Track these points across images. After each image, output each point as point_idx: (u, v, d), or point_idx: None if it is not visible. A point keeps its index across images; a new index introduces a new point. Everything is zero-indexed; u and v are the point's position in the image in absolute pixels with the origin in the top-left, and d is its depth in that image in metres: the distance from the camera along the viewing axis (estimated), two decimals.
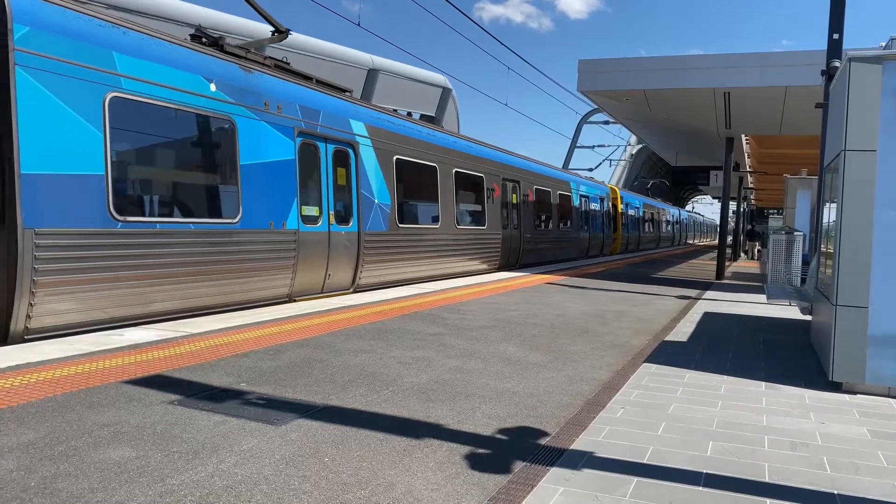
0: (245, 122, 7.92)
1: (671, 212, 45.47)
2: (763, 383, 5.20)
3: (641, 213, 33.62)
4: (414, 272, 11.88)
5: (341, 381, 4.68)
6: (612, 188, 28.46)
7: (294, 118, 8.74)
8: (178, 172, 7.27)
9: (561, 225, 20.58)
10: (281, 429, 3.60)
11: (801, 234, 12.76)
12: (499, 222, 15.66)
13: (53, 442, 3.25)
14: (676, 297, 11.40)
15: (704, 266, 21.55)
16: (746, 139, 20.18)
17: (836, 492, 3.09)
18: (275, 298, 8.49)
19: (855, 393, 5.00)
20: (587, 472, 3.20)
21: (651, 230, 36.67)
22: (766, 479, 3.20)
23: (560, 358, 5.83)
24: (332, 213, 9.41)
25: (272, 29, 9.53)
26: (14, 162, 5.53)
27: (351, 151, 9.92)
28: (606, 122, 44.29)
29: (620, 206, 28.69)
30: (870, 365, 4.94)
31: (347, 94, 10.72)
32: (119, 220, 6.37)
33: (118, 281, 6.39)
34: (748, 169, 25.49)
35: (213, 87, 7.52)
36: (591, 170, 48.66)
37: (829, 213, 6.13)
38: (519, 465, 3.24)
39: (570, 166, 46.37)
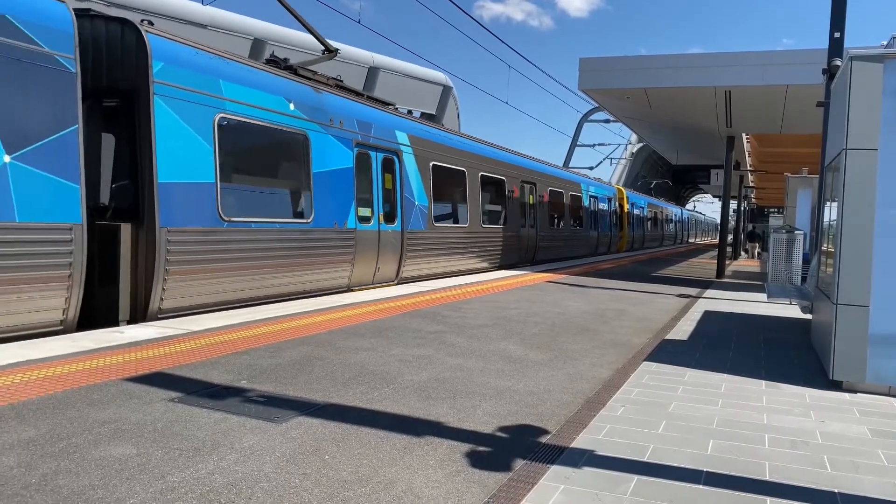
0: (316, 135, 9.21)
1: (673, 211, 46.64)
2: (763, 382, 5.20)
3: (646, 213, 34.56)
4: (446, 267, 13.17)
5: (342, 378, 4.68)
6: (618, 189, 29.20)
7: (352, 131, 10.08)
8: (267, 180, 8.53)
9: (572, 224, 21.65)
10: (281, 426, 3.60)
11: (802, 232, 12.76)
12: (518, 221, 16.80)
13: (54, 439, 3.25)
14: (677, 295, 11.40)
15: (705, 265, 21.55)
16: (747, 138, 20.15)
17: (836, 490, 3.09)
18: (337, 288, 9.77)
19: (855, 392, 5.00)
20: (588, 470, 3.20)
21: (655, 229, 37.66)
22: (767, 478, 3.20)
23: (560, 356, 5.83)
24: (381, 213, 10.73)
25: (322, 48, 11.15)
26: (153, 173, 6.76)
27: (396, 159, 11.23)
28: (607, 121, 44.26)
29: (626, 206, 29.56)
30: (870, 364, 4.94)
31: (391, 107, 12.05)
32: (225, 221, 7.56)
33: (224, 271, 7.61)
34: (749, 168, 25.47)
35: (291, 106, 8.77)
36: (591, 168, 48.67)
37: (830, 212, 6.13)
38: (519, 463, 3.24)
39: (570, 165, 46.34)
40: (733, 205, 26.88)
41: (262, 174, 8.45)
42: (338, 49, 11.23)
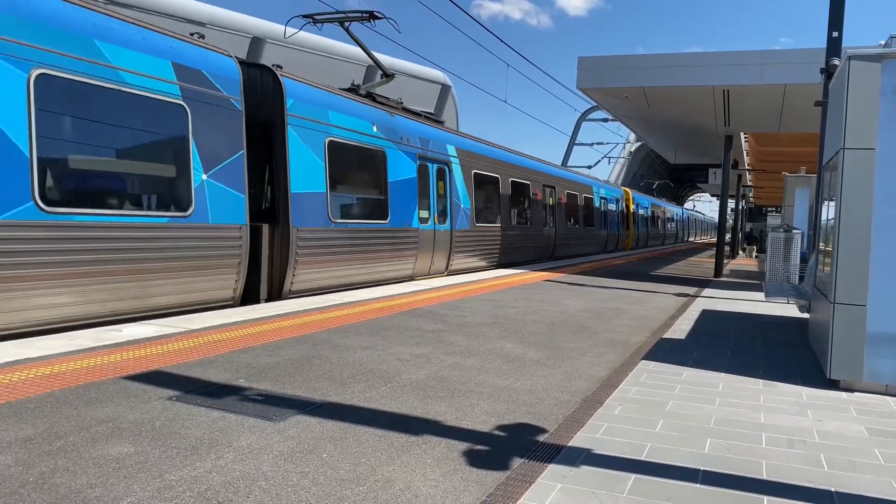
0: (391, 151, 11.20)
1: (674, 211, 48.74)
2: (761, 381, 5.21)
3: (649, 213, 36.52)
4: (485, 262, 15.29)
5: (340, 377, 4.69)
6: (625, 190, 30.85)
7: (415, 147, 12.06)
8: (359, 189, 10.61)
9: (585, 223, 23.71)
10: (279, 425, 3.60)
11: (800, 231, 12.77)
12: (540, 221, 18.93)
13: (52, 437, 3.25)
14: (675, 294, 11.41)
15: (703, 263, 21.57)
16: (745, 137, 20.17)
17: (833, 489, 3.10)
18: (402, 278, 11.68)
19: (852, 391, 5.01)
20: (585, 468, 3.20)
21: (657, 228, 39.64)
22: (764, 477, 3.20)
23: (558, 355, 5.84)
24: (436, 215, 12.66)
25: (381, 73, 12.65)
26: (287, 185, 8.71)
27: (447, 168, 13.20)
28: (605, 120, 44.26)
29: (632, 207, 31.26)
30: (867, 363, 4.95)
31: (441, 123, 14.18)
32: (332, 222, 9.58)
33: (331, 262, 9.61)
34: (747, 167, 25.49)
35: (374, 128, 10.81)
36: (590, 167, 48.65)
37: (828, 211, 6.13)
38: (517, 462, 3.24)
39: (568, 163, 46.34)
40: (731, 204, 26.91)
41: (355, 184, 10.51)
42: (394, 74, 12.87)
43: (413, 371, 4.98)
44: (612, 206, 27.51)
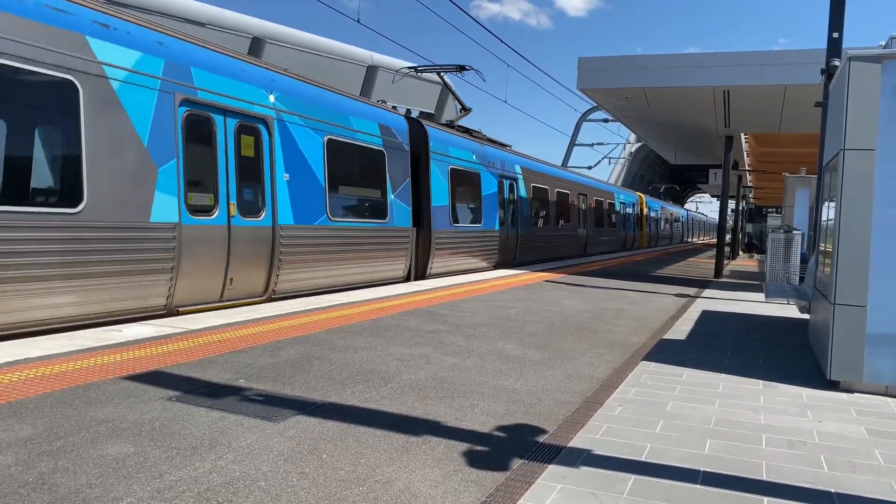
0: (483, 173, 15.03)
1: (681, 213, 53.71)
2: (761, 381, 5.21)
3: (659, 215, 40.59)
4: (537, 256, 18.83)
5: (340, 377, 4.69)
6: (640, 196, 34.91)
7: (497, 168, 15.88)
8: (465, 201, 14.08)
9: (609, 225, 27.66)
10: (279, 425, 3.60)
11: (800, 232, 12.77)
12: (576, 224, 22.77)
13: (52, 437, 3.25)
14: (675, 295, 11.41)
15: (703, 264, 21.57)
16: (746, 137, 20.16)
17: (833, 490, 3.10)
18: (487, 268, 15.35)
19: (852, 392, 5.01)
20: (585, 469, 3.20)
21: (667, 229, 44.13)
22: (764, 478, 3.20)
23: (558, 356, 5.84)
24: (508, 220, 16.51)
25: (460, 107, 16.39)
26: (429, 200, 12.44)
27: (514, 183, 16.93)
28: (606, 120, 44.25)
29: (645, 210, 35.33)
30: (868, 364, 4.95)
31: (509, 147, 17.66)
32: (453, 226, 13.29)
33: (454, 254, 13.48)
34: (747, 167, 25.48)
35: (473, 156, 14.63)
36: (590, 167, 48.64)
37: (828, 212, 6.13)
38: (517, 463, 3.24)
39: (568, 164, 46.34)
40: (732, 204, 26.92)
41: (464, 199, 14.07)
42: (471, 108, 16.34)
43: (413, 371, 4.98)
44: (629, 210, 31.49)
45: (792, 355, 6.36)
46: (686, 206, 77.10)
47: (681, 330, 7.60)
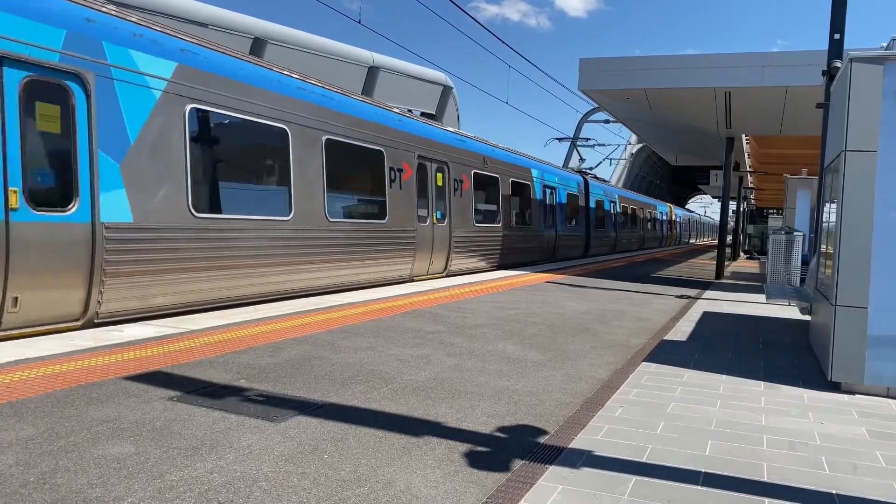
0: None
1: (695, 217, 66.34)
2: (762, 383, 5.21)
3: (681, 220, 52.43)
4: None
5: (340, 378, 4.68)
6: (670, 206, 45.90)
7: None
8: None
9: (652, 228, 37.87)
10: (280, 426, 3.60)
11: (801, 234, 12.76)
12: (637, 228, 32.58)
13: (52, 437, 3.25)
14: (676, 296, 11.41)
15: (704, 265, 21.56)
16: (747, 139, 20.15)
17: (834, 492, 3.09)
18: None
19: (854, 393, 5.01)
20: (586, 470, 3.20)
21: (686, 230, 56.05)
22: (765, 479, 3.20)
23: (559, 357, 5.83)
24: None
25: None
26: (588, 221, 23.13)
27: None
28: (607, 121, 44.18)
29: (674, 217, 47.27)
30: (869, 365, 4.94)
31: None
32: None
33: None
34: (748, 169, 25.46)
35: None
36: (591, 168, 48.60)
37: (829, 214, 6.13)
38: (518, 464, 3.24)
39: (569, 165, 46.35)
40: (733, 206, 26.91)
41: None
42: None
43: (414, 372, 4.97)
44: (664, 217, 42.35)
45: (793, 357, 6.35)
46: (693, 208, 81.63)
47: (682, 331, 7.59)
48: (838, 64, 8.29)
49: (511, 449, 3.45)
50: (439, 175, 12.81)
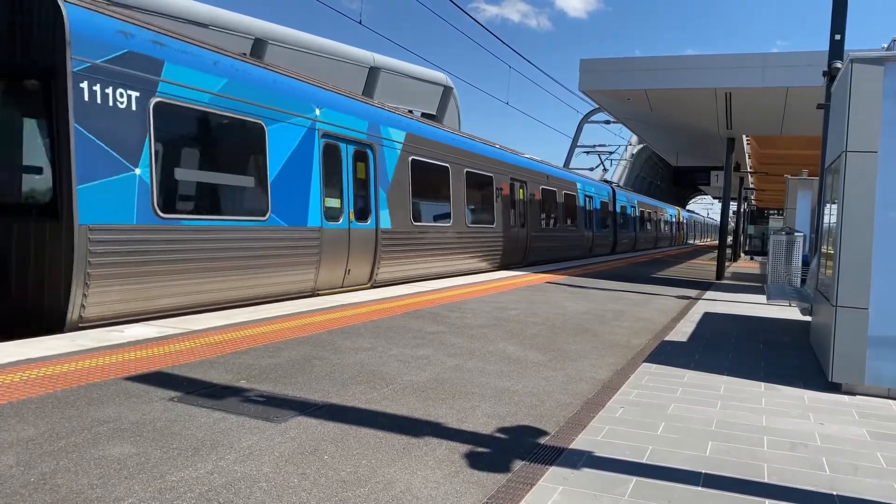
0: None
1: (699, 219, 72.16)
2: (762, 384, 5.20)
3: (686, 221, 57.73)
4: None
5: (341, 378, 4.69)
6: (678, 209, 51.50)
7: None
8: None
9: (663, 230, 42.43)
10: (280, 426, 3.60)
11: (802, 234, 12.75)
12: (653, 229, 36.78)
13: (53, 438, 3.25)
14: (676, 296, 11.40)
15: (704, 266, 21.55)
16: (747, 139, 20.14)
17: (834, 492, 3.09)
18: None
19: (854, 394, 5.01)
20: (586, 471, 3.20)
21: (692, 231, 62.38)
22: (765, 480, 3.20)
23: (560, 357, 5.83)
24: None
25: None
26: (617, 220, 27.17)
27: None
28: (607, 122, 44.16)
29: (681, 218, 52.81)
30: (869, 366, 4.94)
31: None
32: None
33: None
34: (749, 169, 25.47)
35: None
36: (591, 169, 48.59)
37: (830, 214, 6.13)
38: (518, 464, 3.24)
39: (570, 166, 46.33)
40: (734, 206, 26.92)
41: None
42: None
43: (414, 373, 4.97)
44: (672, 220, 47.43)
45: (793, 357, 6.35)
46: (696, 208, 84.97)
47: (682, 332, 7.59)
48: (839, 65, 8.29)
49: (511, 449, 3.45)
50: (521, 191, 17.22)
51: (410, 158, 11.55)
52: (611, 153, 45.33)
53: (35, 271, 6.05)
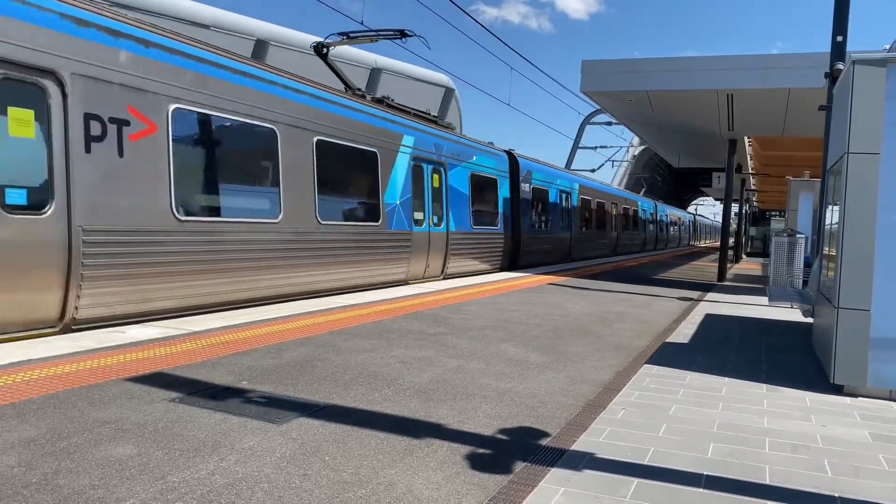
0: (647, 212, 34.80)
1: (706, 222, 78.39)
2: (764, 385, 5.20)
3: (696, 223, 63.39)
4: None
5: (342, 380, 4.69)
6: (692, 214, 60.27)
7: (643, 209, 33.78)
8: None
9: (678, 232, 47.59)
10: (282, 427, 3.60)
11: (804, 236, 12.74)
12: (672, 232, 43.58)
13: (55, 438, 3.25)
14: (678, 298, 11.39)
15: (706, 267, 21.54)
16: (749, 141, 20.13)
17: (836, 494, 3.09)
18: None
19: (856, 396, 5.00)
20: (588, 472, 3.20)
21: (701, 233, 68.74)
22: (767, 482, 3.19)
23: (561, 359, 5.83)
24: (647, 230, 34.87)
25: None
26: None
27: (658, 216, 35.45)
28: (609, 123, 44.17)
29: (697, 222, 60.25)
30: (872, 368, 4.93)
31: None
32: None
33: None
34: (751, 171, 25.45)
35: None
36: (593, 170, 48.60)
37: (832, 216, 6.12)
38: (520, 466, 3.24)
39: (572, 167, 46.36)
40: (735, 207, 26.90)
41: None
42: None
43: (416, 374, 4.97)
44: (689, 223, 55.28)
45: (795, 359, 6.34)
46: (697, 210, 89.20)
47: (684, 333, 7.58)
48: (841, 66, 8.28)
49: (513, 451, 3.45)
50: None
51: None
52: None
53: None
